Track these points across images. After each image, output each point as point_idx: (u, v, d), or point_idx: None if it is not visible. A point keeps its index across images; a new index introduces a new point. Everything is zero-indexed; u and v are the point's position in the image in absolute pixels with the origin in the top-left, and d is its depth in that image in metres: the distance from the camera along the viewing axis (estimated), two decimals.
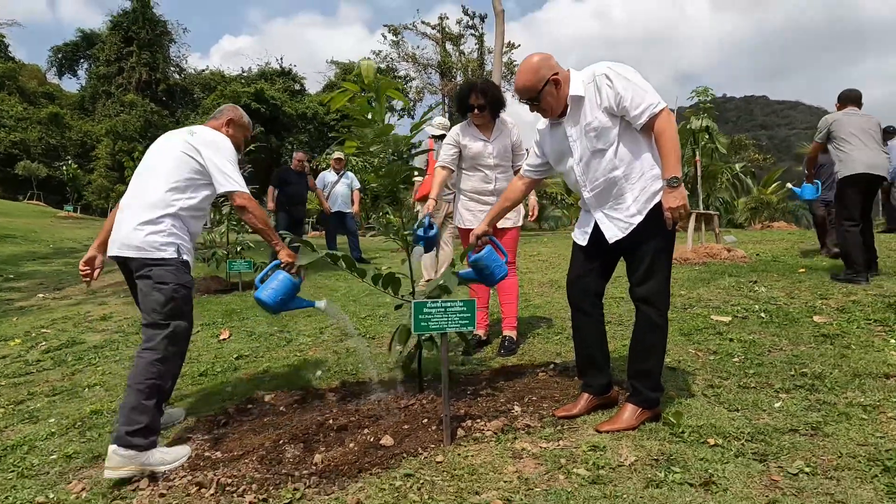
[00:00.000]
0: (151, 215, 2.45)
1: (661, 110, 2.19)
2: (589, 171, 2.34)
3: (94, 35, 39.21)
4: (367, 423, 2.47)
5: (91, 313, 5.96)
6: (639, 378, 2.33)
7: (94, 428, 2.75)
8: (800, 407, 2.36)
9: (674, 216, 2.17)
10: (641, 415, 2.30)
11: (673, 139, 2.18)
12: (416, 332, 2.26)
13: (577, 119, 2.32)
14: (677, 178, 2.15)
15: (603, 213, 2.36)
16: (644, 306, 2.34)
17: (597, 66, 2.32)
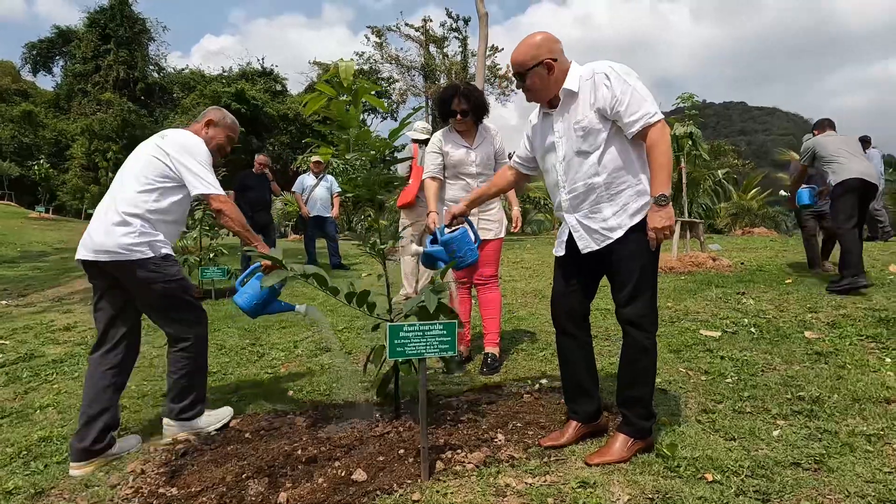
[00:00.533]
0: (121, 217, 2.45)
1: (656, 121, 2.05)
2: (570, 171, 2.20)
3: (70, 32, 38.29)
4: (338, 454, 2.28)
5: (55, 322, 5.67)
6: (629, 406, 2.19)
7: (40, 458, 2.52)
8: (800, 436, 2.22)
9: (658, 237, 2.04)
10: (633, 446, 2.15)
11: (666, 153, 2.04)
12: (392, 357, 2.07)
13: (566, 115, 2.19)
14: (666, 196, 2.01)
15: (577, 220, 2.22)
16: (631, 329, 2.18)
17: (598, 63, 2.17)
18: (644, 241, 2.10)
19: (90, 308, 2.75)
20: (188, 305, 2.63)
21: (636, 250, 2.12)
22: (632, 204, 2.12)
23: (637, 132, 2.07)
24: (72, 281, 8.30)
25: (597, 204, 2.16)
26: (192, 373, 2.62)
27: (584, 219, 2.20)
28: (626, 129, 2.09)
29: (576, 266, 2.30)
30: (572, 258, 2.29)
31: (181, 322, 2.60)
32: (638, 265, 2.13)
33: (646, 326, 2.16)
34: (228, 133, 2.84)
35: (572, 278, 2.33)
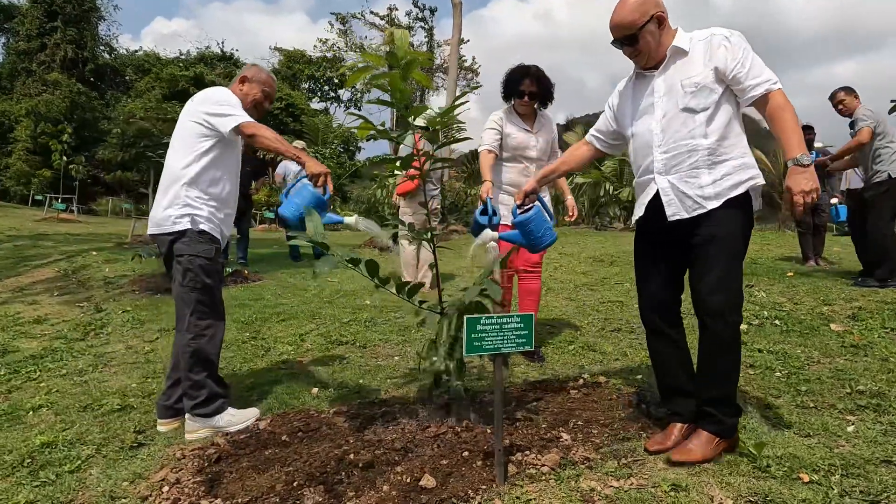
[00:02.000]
0: (168, 191, 2.49)
1: (779, 89, 1.94)
2: (669, 130, 2.04)
3: (12, 7, 36.07)
4: (396, 459, 2.09)
5: (22, 314, 5.22)
6: (715, 403, 2.03)
7: (48, 466, 2.23)
8: (876, 432, 2.16)
9: (806, 201, 1.84)
10: (719, 445, 2.01)
11: (795, 117, 1.91)
12: (469, 353, 1.89)
13: (672, 72, 2.04)
14: (808, 155, 1.86)
15: (669, 183, 2.04)
16: (713, 322, 1.99)
17: (714, 28, 2.05)
18: (738, 222, 1.96)
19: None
20: (204, 290, 2.49)
21: (729, 231, 1.96)
22: (733, 175, 1.98)
23: (758, 97, 1.94)
24: (31, 270, 7.74)
25: (695, 168, 2.00)
26: (197, 366, 2.46)
27: (679, 181, 2.03)
28: (746, 94, 1.96)
29: (659, 254, 2.15)
30: (653, 245, 2.16)
31: (192, 305, 2.47)
32: (729, 248, 1.97)
33: (732, 318, 1.99)
34: (264, 88, 2.69)
35: (657, 268, 2.17)
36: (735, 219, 1.97)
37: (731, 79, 1.97)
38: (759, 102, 1.96)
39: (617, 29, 2.05)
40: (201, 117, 2.47)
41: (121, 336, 4.24)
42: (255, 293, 5.60)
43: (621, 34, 2.05)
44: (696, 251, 2.02)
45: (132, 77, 36.95)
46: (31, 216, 17.04)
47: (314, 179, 2.39)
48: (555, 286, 5.39)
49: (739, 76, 1.95)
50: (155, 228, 2.52)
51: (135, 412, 2.76)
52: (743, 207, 1.99)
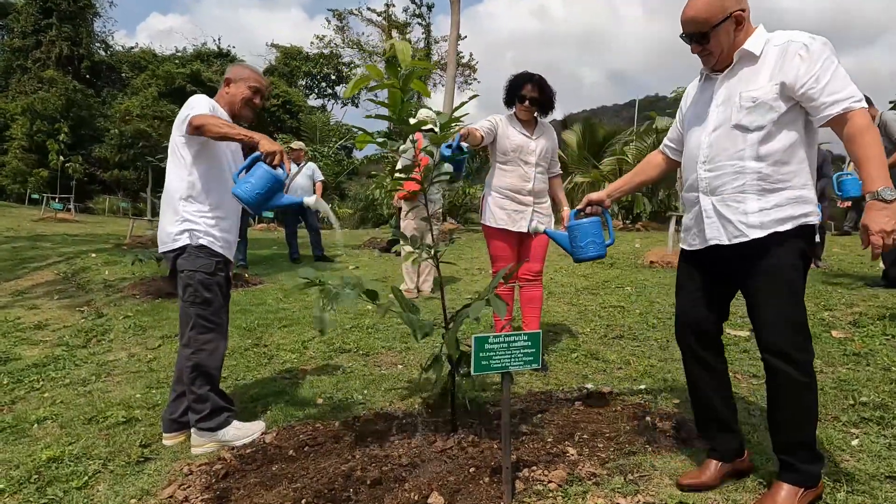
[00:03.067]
0: (168, 209, 2.52)
1: (863, 106, 1.72)
2: (716, 146, 1.88)
3: (7, 4, 35.86)
4: (403, 475, 2.10)
5: (22, 320, 5.22)
6: (791, 451, 1.83)
7: (56, 482, 2.23)
8: (880, 445, 2.17)
9: (886, 242, 1.64)
10: (805, 496, 1.80)
11: (879, 142, 1.70)
12: (477, 371, 1.90)
13: (735, 80, 1.87)
14: (892, 189, 1.64)
15: (712, 203, 1.90)
16: (778, 362, 1.80)
17: (796, 32, 1.82)
18: (793, 257, 1.79)
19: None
20: (204, 304, 2.50)
21: (783, 265, 1.79)
22: (786, 208, 1.79)
23: (835, 116, 1.72)
24: (31, 273, 7.73)
25: (742, 192, 1.84)
26: (199, 379, 2.48)
27: (721, 204, 1.88)
28: (820, 112, 1.75)
29: (706, 277, 2.01)
30: (700, 265, 2.02)
31: (192, 319, 2.49)
32: (786, 284, 1.79)
33: (798, 357, 1.79)
34: (250, 84, 2.64)
35: (702, 292, 2.01)
36: (791, 252, 1.80)
37: (802, 95, 1.75)
38: (836, 122, 1.74)
39: (689, 23, 1.87)
40: (177, 128, 2.49)
41: (123, 343, 4.24)
42: (256, 297, 5.59)
43: (692, 29, 1.87)
44: (750, 282, 1.86)
45: (128, 74, 36.77)
46: (29, 216, 16.97)
47: (269, 158, 2.31)
48: (556, 290, 5.40)
49: (812, 92, 1.74)
50: (161, 246, 2.56)
51: (140, 424, 2.76)
52: (799, 241, 1.81)
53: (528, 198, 3.23)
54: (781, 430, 1.86)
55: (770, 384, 1.88)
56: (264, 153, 2.32)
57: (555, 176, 3.43)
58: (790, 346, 1.79)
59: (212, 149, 2.53)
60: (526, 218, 3.23)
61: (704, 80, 2.02)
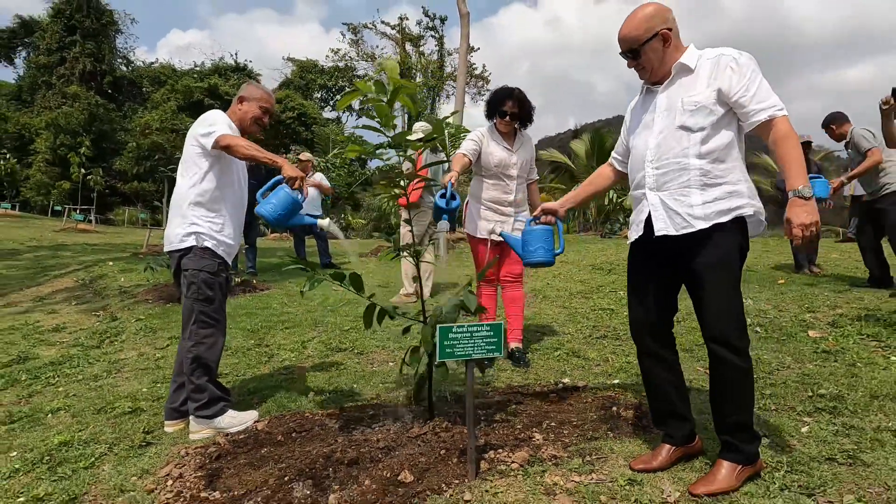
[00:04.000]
0: (177, 211, 2.74)
1: (785, 114, 1.92)
2: (663, 146, 2.05)
3: (33, 22, 37.11)
4: (379, 456, 2.28)
5: (41, 323, 5.51)
6: (732, 432, 1.98)
7: (65, 463, 2.45)
8: (828, 432, 2.30)
9: (805, 234, 1.83)
10: (742, 472, 1.95)
11: (798, 147, 1.89)
12: (442, 359, 2.08)
13: (675, 89, 2.06)
14: (809, 187, 1.84)
15: (660, 198, 2.05)
16: (718, 348, 1.96)
17: (724, 48, 2.03)
18: (732, 249, 1.95)
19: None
20: (206, 301, 2.71)
21: (722, 257, 1.95)
22: (724, 201, 1.96)
23: (762, 122, 1.92)
24: (51, 280, 8.06)
25: (686, 187, 2.00)
26: (198, 370, 2.68)
27: (669, 198, 2.03)
28: (749, 118, 1.94)
29: (655, 273, 2.15)
30: (648, 263, 2.17)
31: (194, 315, 2.69)
32: (724, 275, 1.95)
33: (737, 344, 1.95)
34: (261, 104, 2.89)
35: (652, 288, 2.16)
36: (730, 245, 1.96)
37: (735, 102, 1.95)
38: (762, 128, 1.94)
39: (622, 42, 2.09)
40: (196, 140, 2.71)
41: (134, 344, 4.48)
42: (262, 302, 5.82)
43: (626, 47, 2.09)
44: (693, 277, 2.02)
45: (148, 89, 37.76)
46: (51, 226, 17.51)
47: (290, 182, 2.61)
48: (551, 294, 5.55)
49: (743, 100, 1.93)
50: (167, 245, 2.78)
51: (144, 414, 2.98)
52: (737, 233, 1.98)
53: (509, 209, 3.44)
54: (723, 412, 2.01)
55: (714, 370, 2.03)
56: (287, 178, 2.60)
57: (532, 182, 3.62)
58: (732, 335, 1.95)
59: (226, 162, 2.77)
60: (508, 227, 3.43)
61: (646, 93, 2.21)
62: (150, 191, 29.45)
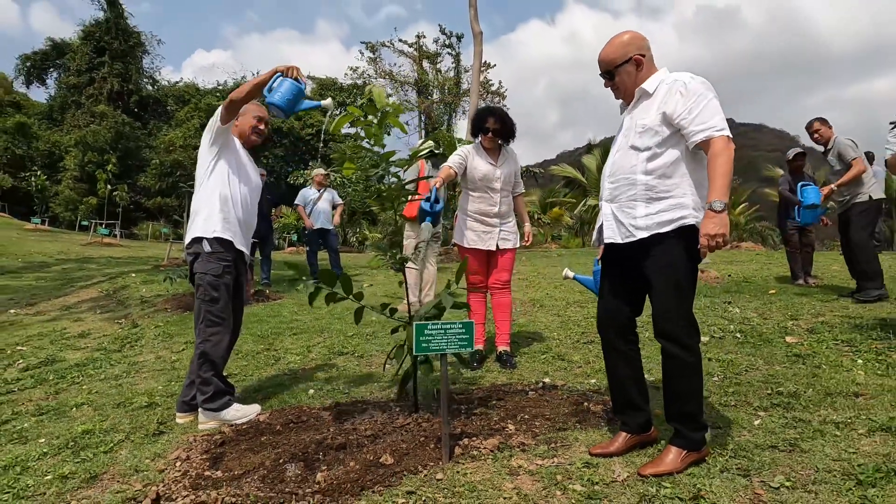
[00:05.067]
0: (192, 218, 3.04)
1: (722, 135, 2.09)
2: (618, 162, 2.29)
3: (64, 45, 38.55)
4: (365, 443, 2.52)
5: (68, 330, 5.87)
6: (680, 421, 2.18)
7: (87, 448, 2.74)
8: (777, 424, 2.49)
9: (710, 244, 2.03)
10: (687, 457, 2.14)
11: (727, 164, 2.07)
12: (417, 352, 2.33)
13: (635, 112, 2.28)
14: (721, 202, 2.03)
15: (611, 209, 2.30)
16: (670, 345, 2.18)
17: (682, 73, 2.24)
18: (677, 255, 2.15)
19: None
20: (212, 301, 2.97)
21: (669, 263, 2.16)
22: (667, 213, 2.16)
23: (701, 141, 2.10)
24: (77, 291, 8.49)
25: (633, 200, 2.22)
26: (205, 365, 2.93)
27: (618, 210, 2.27)
28: (690, 137, 2.12)
29: (619, 275, 2.37)
30: (615, 266, 2.37)
31: (202, 314, 2.96)
32: (671, 279, 2.16)
33: (685, 341, 2.15)
34: (255, 115, 3.25)
35: (616, 288, 2.37)
36: (676, 251, 2.16)
37: (677, 123, 2.14)
38: (702, 146, 2.12)
39: (600, 63, 2.33)
40: (205, 142, 3.05)
41: (152, 348, 4.80)
42: (273, 310, 6.13)
43: (603, 68, 2.32)
44: (644, 280, 2.25)
45: (173, 107, 38.83)
46: (78, 241, 18.17)
47: (288, 72, 2.91)
48: (548, 303, 5.77)
49: (684, 122, 2.13)
50: (185, 250, 3.10)
51: (159, 408, 3.26)
52: (683, 242, 2.15)
53: (494, 220, 3.70)
54: (672, 401, 2.24)
55: (664, 364, 2.25)
56: (285, 70, 2.91)
57: (518, 195, 3.87)
58: (679, 332, 2.17)
59: (230, 174, 3.06)
60: (494, 237, 3.68)
61: (622, 113, 2.45)
62: (172, 206, 30.28)
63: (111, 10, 36.84)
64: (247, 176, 3.20)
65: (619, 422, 2.45)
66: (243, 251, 3.13)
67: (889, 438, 2.27)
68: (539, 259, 10.43)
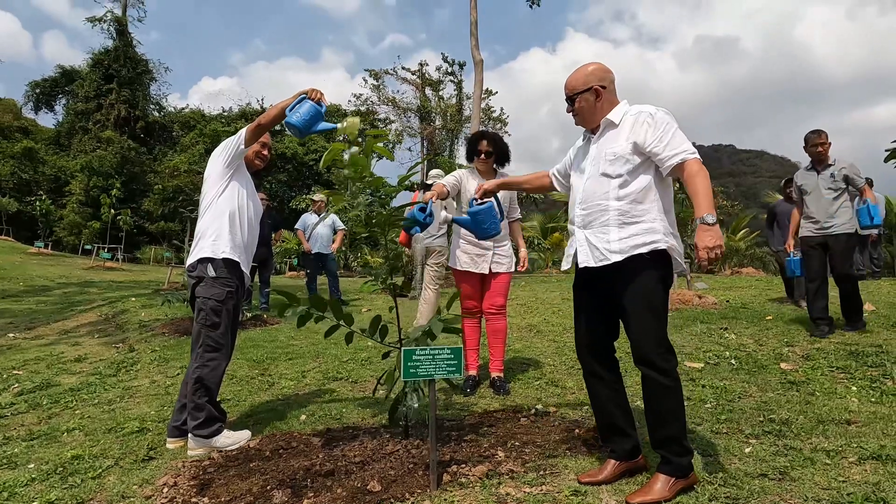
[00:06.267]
0: (195, 243, 3.05)
1: (695, 157, 2.20)
2: (589, 190, 2.34)
3: (73, 72, 39.18)
4: (353, 469, 2.51)
5: (65, 354, 5.87)
6: (664, 446, 2.19)
7: (76, 474, 2.73)
8: (768, 452, 2.48)
9: (709, 256, 2.09)
10: (676, 484, 2.13)
11: (707, 180, 2.16)
12: (405, 378, 2.34)
13: (602, 142, 2.36)
14: (713, 215, 2.10)
15: (584, 236, 2.35)
16: (644, 368, 2.21)
17: (645, 105, 2.34)
18: (650, 279, 2.18)
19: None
20: (213, 327, 2.98)
21: (641, 287, 2.19)
22: (639, 237, 2.21)
23: (676, 165, 2.19)
24: (77, 315, 8.50)
25: (606, 225, 2.27)
26: (200, 391, 2.92)
27: (592, 235, 2.31)
28: (665, 163, 2.21)
29: (593, 300, 2.39)
30: (587, 291, 2.40)
31: (201, 339, 2.96)
32: (645, 303, 2.19)
33: (661, 365, 2.17)
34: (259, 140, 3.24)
35: (590, 314, 2.40)
36: (648, 275, 2.20)
37: (650, 152, 2.23)
38: (677, 170, 2.21)
39: (564, 89, 2.43)
40: (218, 161, 3.08)
41: (147, 372, 4.79)
42: (270, 335, 6.13)
43: (566, 94, 2.42)
44: (617, 305, 2.28)
45: (178, 133, 39.29)
46: (80, 265, 18.24)
47: (312, 95, 2.98)
48: (544, 329, 5.76)
49: (657, 150, 2.22)
50: (188, 275, 3.09)
51: (150, 434, 3.25)
52: (655, 266, 2.21)
53: (488, 243, 3.70)
54: (655, 427, 2.23)
55: (643, 388, 2.26)
56: (309, 92, 2.98)
57: (514, 220, 3.90)
58: (655, 356, 2.18)
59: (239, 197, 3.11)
60: (487, 260, 3.70)
61: (585, 141, 2.51)
62: (175, 230, 30.43)
63: (120, 39, 37.53)
64: (254, 199, 3.27)
65: (607, 449, 2.45)
66: (245, 275, 3.16)
67: (879, 467, 2.25)
68: (538, 284, 10.43)
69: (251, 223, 3.20)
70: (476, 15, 17.41)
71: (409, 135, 35.59)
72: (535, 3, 19.76)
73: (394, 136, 35.85)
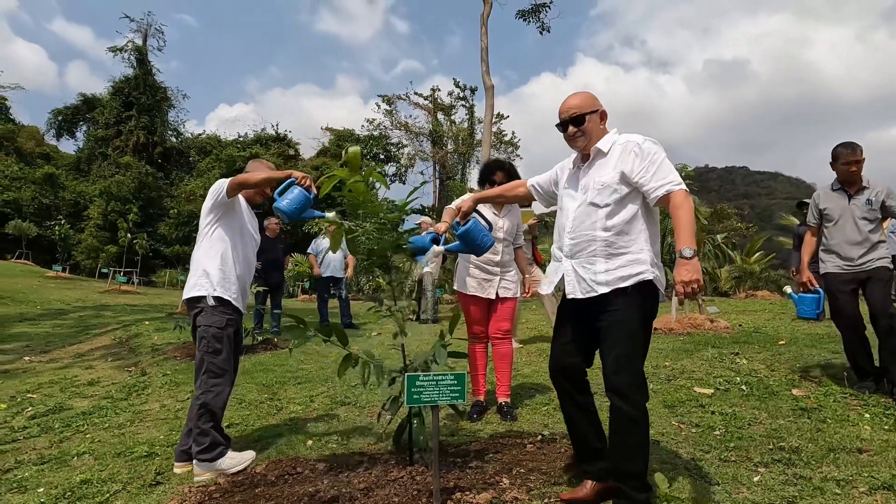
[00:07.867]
0: (192, 273, 3.13)
1: (681, 188, 2.22)
2: (577, 220, 2.35)
3: (94, 99, 40.21)
4: (358, 496, 2.51)
5: (78, 377, 5.93)
6: (623, 479, 2.19)
7: (84, 498, 2.75)
8: (777, 481, 2.44)
9: (685, 291, 2.09)
10: None
11: (690, 214, 2.18)
12: (409, 404, 2.35)
13: (592, 171, 2.37)
14: (691, 249, 2.11)
15: (571, 266, 2.35)
16: (617, 399, 2.19)
17: (633, 135, 2.37)
18: (634, 310, 2.19)
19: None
20: (215, 353, 3.03)
21: (625, 318, 2.19)
22: (625, 269, 2.22)
23: (662, 196, 2.21)
24: (92, 338, 8.60)
25: (593, 256, 2.28)
26: (204, 416, 2.96)
27: (579, 266, 2.32)
28: (651, 194, 2.23)
29: (575, 328, 2.41)
30: (571, 315, 2.42)
31: (205, 366, 3.01)
32: (626, 333, 2.19)
33: (633, 397, 2.16)
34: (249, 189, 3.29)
35: (569, 338, 2.42)
36: (633, 306, 2.20)
37: (637, 182, 2.25)
38: (663, 200, 2.23)
39: (570, 109, 2.39)
40: (207, 204, 3.13)
41: (158, 396, 4.83)
42: (280, 359, 6.15)
43: (573, 114, 2.38)
44: (601, 333, 2.27)
45: (195, 158, 39.98)
46: (97, 288, 18.49)
47: (302, 181, 2.98)
48: (537, 351, 5.72)
49: (643, 180, 2.24)
50: (188, 306, 3.15)
51: (158, 458, 3.27)
52: (641, 296, 2.21)
53: (495, 268, 3.73)
54: (618, 459, 2.23)
55: (611, 419, 2.26)
56: (298, 178, 3.00)
57: (518, 247, 3.93)
58: (627, 387, 2.19)
59: (231, 233, 3.17)
60: (494, 286, 3.72)
61: (576, 168, 2.52)
62: (190, 254, 30.77)
63: (140, 68, 38.54)
64: (248, 234, 3.31)
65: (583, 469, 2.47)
66: (240, 308, 3.20)
67: (891, 497, 2.21)
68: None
69: (246, 257, 3.26)
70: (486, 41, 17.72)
71: (421, 158, 35.92)
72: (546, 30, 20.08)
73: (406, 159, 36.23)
